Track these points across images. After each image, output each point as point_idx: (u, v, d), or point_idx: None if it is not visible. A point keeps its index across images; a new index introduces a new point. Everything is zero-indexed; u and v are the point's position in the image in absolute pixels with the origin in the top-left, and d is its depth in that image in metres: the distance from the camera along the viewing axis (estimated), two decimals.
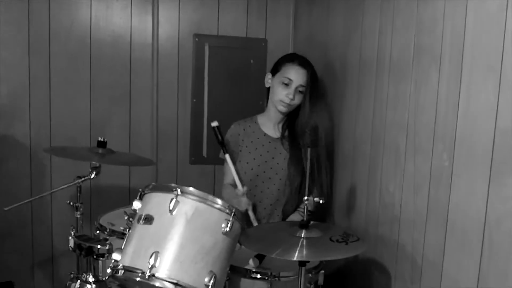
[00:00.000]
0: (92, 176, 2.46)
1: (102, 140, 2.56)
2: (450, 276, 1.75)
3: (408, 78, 2.04)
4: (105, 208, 2.81)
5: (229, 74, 3.58)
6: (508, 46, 1.48)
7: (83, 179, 2.45)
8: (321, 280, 2.24)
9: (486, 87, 1.57)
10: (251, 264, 2.18)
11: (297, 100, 2.65)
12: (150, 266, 1.79)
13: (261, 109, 3.50)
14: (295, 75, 2.62)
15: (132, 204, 2.02)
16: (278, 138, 2.75)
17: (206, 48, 3.52)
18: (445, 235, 1.77)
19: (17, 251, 3.42)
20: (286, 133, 2.75)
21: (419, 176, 1.96)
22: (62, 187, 2.49)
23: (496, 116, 1.52)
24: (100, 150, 2.54)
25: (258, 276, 2.13)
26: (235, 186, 2.75)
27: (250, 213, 2.63)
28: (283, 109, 2.67)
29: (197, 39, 3.51)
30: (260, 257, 2.24)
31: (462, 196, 1.69)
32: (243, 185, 2.62)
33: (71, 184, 2.46)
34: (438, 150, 1.82)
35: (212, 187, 3.64)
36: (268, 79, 2.73)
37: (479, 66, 1.61)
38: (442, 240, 1.79)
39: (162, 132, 3.55)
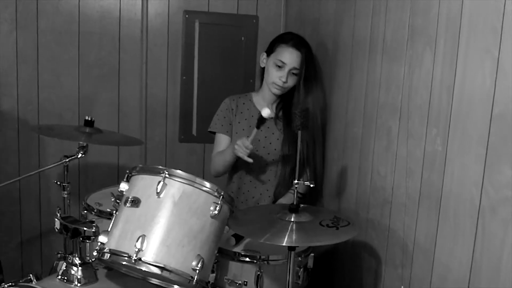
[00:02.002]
0: (79, 155, 2.41)
1: (89, 119, 2.51)
2: (442, 262, 1.73)
3: (402, 60, 2.00)
4: (93, 187, 2.79)
5: (219, 52, 3.53)
6: (506, 28, 1.44)
7: (69, 158, 2.41)
8: (310, 263, 2.23)
9: (483, 71, 1.52)
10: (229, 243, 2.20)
11: (291, 83, 2.60)
12: (136, 250, 1.77)
13: (252, 87, 3.48)
14: (289, 58, 2.56)
15: (119, 184, 1.99)
16: (272, 118, 2.71)
17: (196, 24, 3.46)
18: (437, 221, 1.75)
19: (5, 229, 3.39)
20: (280, 114, 2.71)
21: (411, 160, 1.93)
22: (49, 166, 2.46)
23: (493, 101, 1.47)
24: (87, 129, 2.50)
25: (247, 259, 2.11)
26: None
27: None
28: (276, 91, 2.62)
29: (187, 16, 3.44)
30: (237, 237, 2.22)
31: (455, 182, 1.66)
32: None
33: (58, 163, 2.42)
34: (431, 135, 1.79)
35: (201, 165, 3.61)
36: (263, 59, 2.67)
37: (475, 49, 1.57)
38: (434, 226, 1.76)
39: (151, 110, 3.50)
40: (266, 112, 2.28)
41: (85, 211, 2.50)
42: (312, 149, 2.66)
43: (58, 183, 2.51)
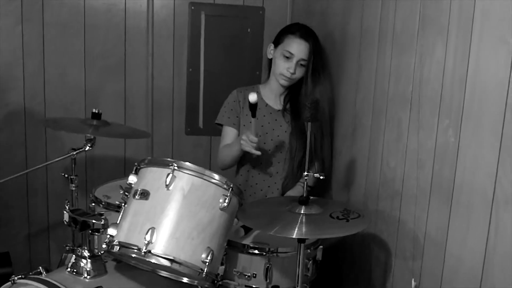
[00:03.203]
0: (87, 148, 2.40)
1: (96, 111, 2.50)
2: (454, 255, 1.72)
3: (412, 50, 1.97)
4: (100, 180, 2.78)
5: (225, 43, 3.50)
6: None
7: (77, 151, 2.40)
8: (319, 256, 2.22)
9: (497, 60, 1.50)
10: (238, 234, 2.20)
11: (299, 74, 2.58)
12: (146, 242, 1.77)
13: (258, 79, 3.46)
14: (297, 48, 2.54)
15: (127, 177, 1.99)
16: (279, 110, 2.70)
17: (202, 16, 3.44)
18: (449, 213, 1.73)
19: (13, 222, 3.39)
20: (288, 106, 2.69)
21: (422, 152, 1.91)
22: (57, 159, 2.44)
23: (508, 91, 1.45)
24: (95, 122, 2.48)
25: (256, 251, 2.10)
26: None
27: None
28: (284, 82, 2.60)
29: (193, 7, 3.41)
30: (246, 228, 2.21)
31: (468, 174, 1.64)
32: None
33: (65, 156, 2.41)
34: (443, 126, 1.77)
35: (208, 158, 3.59)
36: (270, 50, 2.66)
37: (489, 39, 1.54)
38: (446, 218, 1.75)
39: (157, 102, 3.48)
40: (252, 97, 2.30)
41: (93, 204, 2.50)
42: (320, 141, 2.65)
43: (66, 175, 2.50)
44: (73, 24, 3.29)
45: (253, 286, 2.09)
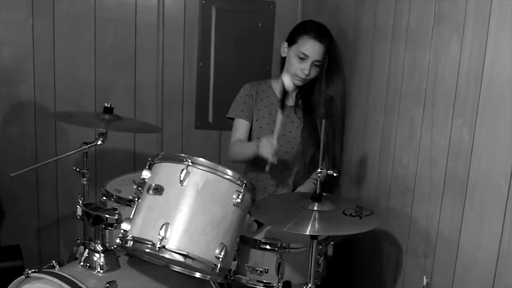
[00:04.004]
0: (99, 142, 2.41)
1: (108, 106, 2.50)
2: (467, 252, 1.72)
3: (427, 47, 1.97)
4: (110, 174, 2.79)
5: (236, 38, 3.50)
6: None
7: (89, 145, 2.41)
8: (330, 251, 2.22)
9: None
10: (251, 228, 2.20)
11: (313, 74, 2.57)
12: (160, 237, 1.78)
13: (268, 74, 3.46)
14: (311, 50, 2.52)
15: (137, 170, 2.00)
16: (291, 106, 2.69)
17: (213, 10, 3.44)
18: (462, 210, 1.73)
19: (23, 215, 3.42)
20: (300, 102, 2.69)
21: (435, 150, 1.91)
22: (68, 153, 2.45)
23: None
24: (107, 116, 2.49)
25: (268, 247, 2.11)
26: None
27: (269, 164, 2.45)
28: (298, 83, 2.59)
29: (203, 2, 3.41)
30: (259, 222, 2.22)
31: (482, 172, 1.64)
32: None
33: (77, 150, 2.42)
34: (457, 124, 1.76)
35: (217, 152, 3.60)
36: (284, 48, 2.64)
37: (506, 36, 1.53)
38: (459, 215, 1.75)
39: (167, 96, 3.49)
40: (287, 82, 2.36)
41: (104, 198, 2.51)
42: (331, 138, 2.65)
43: (78, 169, 2.51)
44: (84, 18, 3.30)
45: (265, 281, 2.10)
